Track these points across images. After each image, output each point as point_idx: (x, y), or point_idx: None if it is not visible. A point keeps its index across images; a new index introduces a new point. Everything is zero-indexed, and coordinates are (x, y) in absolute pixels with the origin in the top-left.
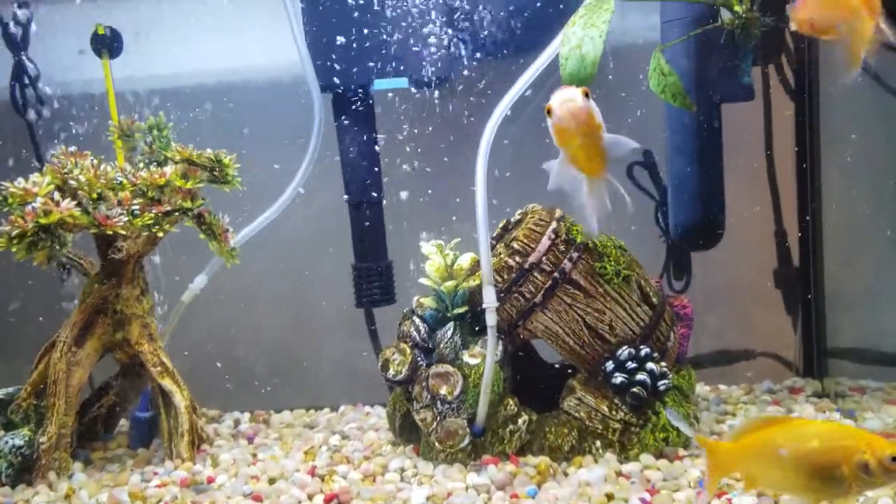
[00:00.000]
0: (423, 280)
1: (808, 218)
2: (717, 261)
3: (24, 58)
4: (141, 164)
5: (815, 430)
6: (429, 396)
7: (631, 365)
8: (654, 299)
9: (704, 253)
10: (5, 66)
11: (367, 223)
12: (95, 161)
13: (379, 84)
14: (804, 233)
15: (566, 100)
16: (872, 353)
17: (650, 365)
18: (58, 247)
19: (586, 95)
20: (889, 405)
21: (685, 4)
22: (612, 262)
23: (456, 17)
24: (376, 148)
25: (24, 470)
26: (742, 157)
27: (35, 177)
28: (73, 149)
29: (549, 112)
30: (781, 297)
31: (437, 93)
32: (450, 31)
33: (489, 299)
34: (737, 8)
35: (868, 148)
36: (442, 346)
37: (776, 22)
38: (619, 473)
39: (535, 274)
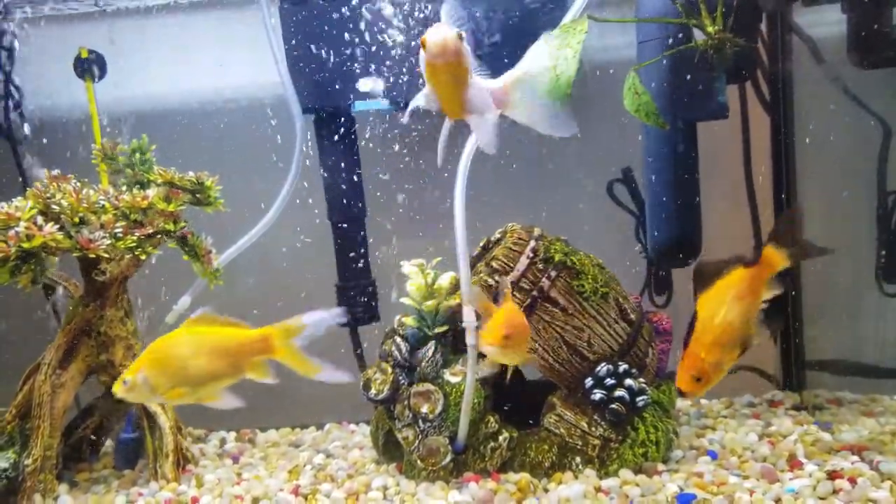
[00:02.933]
0: (404, 300)
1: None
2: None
3: (8, 79)
4: (124, 187)
5: None
6: (411, 415)
7: (610, 381)
8: (633, 316)
9: (686, 269)
10: None
11: (350, 243)
12: (78, 185)
13: (360, 105)
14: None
15: (440, 36)
16: (850, 366)
17: (629, 381)
18: (41, 270)
19: (460, 38)
20: (866, 417)
21: (660, 25)
22: (591, 280)
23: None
24: (358, 168)
25: (10, 492)
26: (721, 173)
27: (18, 201)
28: (56, 172)
29: (423, 45)
30: (761, 311)
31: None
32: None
33: (469, 319)
34: (710, 29)
35: (844, 161)
36: (423, 364)
37: (748, 42)
38: (598, 489)
39: (514, 293)
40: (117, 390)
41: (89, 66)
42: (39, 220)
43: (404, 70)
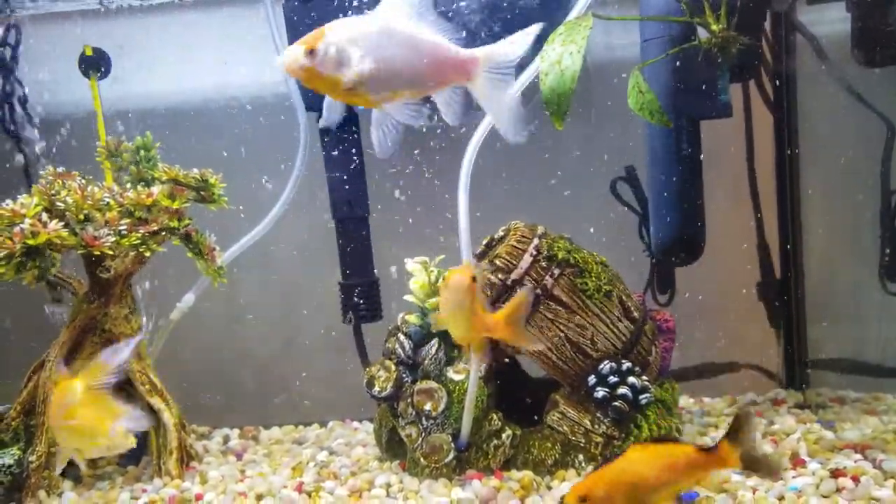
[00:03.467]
0: (407, 297)
1: (789, 231)
2: (701, 275)
3: (12, 77)
4: (128, 184)
5: None
6: (414, 412)
7: (613, 379)
8: (636, 314)
9: (688, 267)
10: None
11: (354, 240)
12: (83, 182)
13: None
14: (786, 246)
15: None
16: (853, 364)
17: (632, 379)
18: (46, 267)
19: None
20: (868, 416)
21: (664, 24)
22: (594, 278)
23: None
24: (362, 166)
25: (14, 489)
26: (725, 172)
27: (23, 198)
28: (60, 169)
29: None
30: (764, 310)
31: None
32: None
33: None
34: (714, 27)
35: (848, 161)
36: (426, 362)
37: (752, 40)
38: None
39: (518, 290)
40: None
41: (94, 64)
42: (44, 216)
43: None
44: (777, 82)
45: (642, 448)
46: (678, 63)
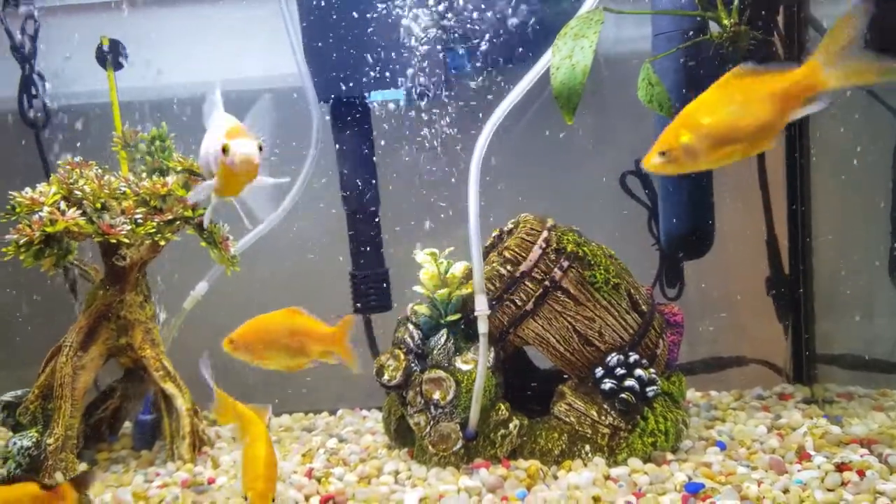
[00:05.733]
0: (416, 288)
1: (797, 226)
2: (710, 269)
3: (31, 68)
4: (143, 174)
5: None
6: (422, 401)
7: (620, 371)
8: (644, 307)
9: (697, 261)
10: (13, 76)
11: (364, 231)
12: (100, 171)
13: (375, 95)
14: (795, 241)
15: (245, 151)
16: (861, 360)
17: (639, 371)
18: (64, 254)
19: (259, 148)
20: (875, 411)
21: (675, 18)
22: (602, 271)
23: (450, 26)
24: (373, 157)
25: (32, 470)
26: (734, 167)
27: (42, 186)
28: (78, 159)
29: (224, 150)
30: (773, 305)
31: (433, 103)
32: (445, 43)
33: (481, 307)
34: (725, 22)
35: (858, 156)
36: (435, 352)
37: (764, 35)
38: (607, 477)
39: (527, 282)
40: None
41: (110, 55)
42: (62, 205)
43: (421, 59)
44: None
45: None
46: (689, 57)
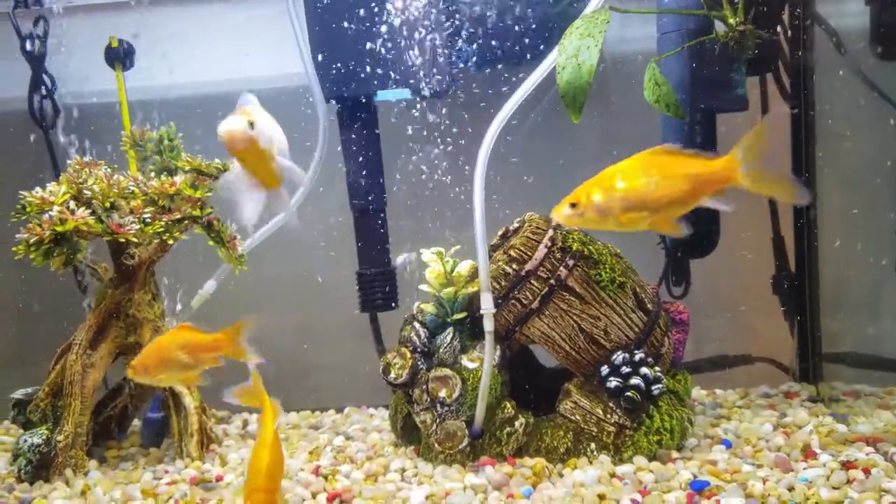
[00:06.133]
0: (423, 286)
1: (804, 224)
2: (716, 267)
3: (41, 69)
4: (152, 174)
5: None
6: (428, 399)
7: (625, 369)
8: (649, 305)
9: (703, 260)
10: (24, 76)
11: (371, 230)
12: (109, 171)
13: (382, 95)
14: (801, 239)
15: (228, 128)
16: (867, 359)
17: (644, 370)
18: (73, 253)
19: (251, 125)
20: (881, 410)
21: (681, 17)
22: (608, 270)
23: (458, 27)
24: (380, 156)
25: (42, 467)
26: None
27: (51, 186)
28: (87, 159)
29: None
30: (779, 303)
31: (439, 102)
32: (451, 43)
33: (487, 305)
34: (731, 21)
35: (864, 154)
36: (441, 350)
37: (770, 34)
38: (612, 475)
39: (532, 281)
40: None
41: (119, 56)
42: (72, 204)
43: (429, 57)
44: (795, 75)
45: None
46: (694, 56)
